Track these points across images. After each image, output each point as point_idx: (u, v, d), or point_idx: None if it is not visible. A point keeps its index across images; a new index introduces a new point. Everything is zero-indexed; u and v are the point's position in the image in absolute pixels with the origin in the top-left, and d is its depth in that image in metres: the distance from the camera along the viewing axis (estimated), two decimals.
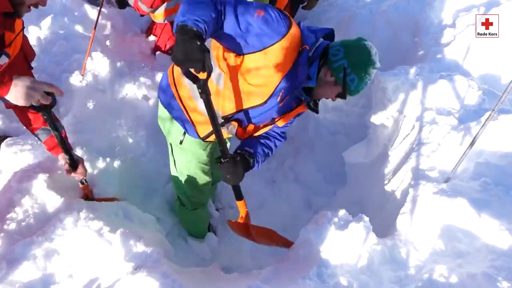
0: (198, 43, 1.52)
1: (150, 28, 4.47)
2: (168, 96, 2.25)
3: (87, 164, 2.55)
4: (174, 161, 2.56)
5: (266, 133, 2.23)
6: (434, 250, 2.07)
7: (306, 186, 3.68)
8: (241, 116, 2.09)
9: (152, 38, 4.37)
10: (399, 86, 3.01)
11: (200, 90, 1.72)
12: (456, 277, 1.91)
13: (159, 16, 4.05)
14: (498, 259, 1.91)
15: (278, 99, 2.00)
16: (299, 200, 3.59)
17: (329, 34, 2.04)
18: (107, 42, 4.11)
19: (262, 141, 2.23)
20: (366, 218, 2.14)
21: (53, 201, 2.38)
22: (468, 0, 3.76)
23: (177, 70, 2.16)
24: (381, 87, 3.10)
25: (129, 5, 4.15)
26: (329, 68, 1.93)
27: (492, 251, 1.96)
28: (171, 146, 2.50)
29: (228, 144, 2.59)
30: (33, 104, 1.74)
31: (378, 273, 2.03)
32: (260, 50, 1.79)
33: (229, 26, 1.74)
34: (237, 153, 2.11)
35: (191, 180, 2.59)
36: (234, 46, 1.82)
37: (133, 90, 3.77)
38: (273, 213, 3.27)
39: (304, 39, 1.89)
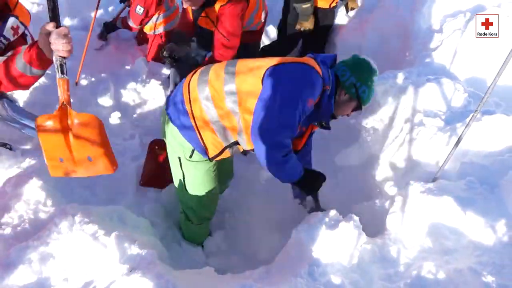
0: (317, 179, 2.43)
1: (139, 37, 4.59)
2: (179, 113, 2.26)
3: None
4: (183, 175, 2.50)
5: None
6: (422, 248, 2.12)
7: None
8: None
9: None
10: (388, 90, 3.08)
11: None
12: (444, 273, 1.96)
13: (147, 28, 4.24)
14: (483, 255, 1.96)
15: (299, 129, 2.25)
16: (291, 202, 3.64)
17: (333, 59, 2.33)
18: (101, 51, 4.17)
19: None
20: (356, 218, 2.19)
21: (47, 206, 2.41)
22: (455, 6, 3.86)
23: (194, 89, 2.22)
24: None
25: (117, 28, 4.35)
26: (342, 88, 2.24)
27: (477, 247, 2.01)
28: (180, 160, 2.43)
29: None
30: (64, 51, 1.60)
31: (368, 271, 2.07)
32: None
33: None
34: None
35: (200, 193, 2.56)
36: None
37: (127, 97, 3.82)
38: (267, 215, 3.30)
39: (325, 80, 2.16)
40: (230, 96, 2.11)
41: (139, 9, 4.05)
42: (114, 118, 3.61)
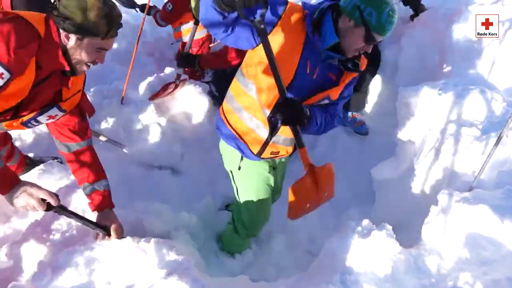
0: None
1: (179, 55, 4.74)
2: (220, 122, 2.41)
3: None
4: (237, 188, 2.57)
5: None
6: (459, 259, 2.06)
7: (336, 203, 3.70)
8: None
9: None
10: (423, 101, 3.05)
11: (258, 31, 1.83)
12: (481, 284, 1.89)
13: (185, 32, 4.35)
14: None
15: (308, 71, 2.02)
16: (329, 217, 3.63)
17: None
18: (145, 70, 4.41)
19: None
20: (389, 227, 2.18)
21: (94, 213, 2.57)
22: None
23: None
24: (405, 102, 3.15)
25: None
26: (345, 15, 1.92)
27: None
28: (232, 173, 2.51)
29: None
30: (28, 209, 1.82)
31: (402, 281, 2.04)
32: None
33: (241, 32, 1.93)
34: None
35: (252, 208, 2.58)
36: (247, 44, 2.00)
37: (168, 113, 4.00)
38: (305, 230, 3.31)
39: (304, 7, 1.98)
40: (239, 75, 2.23)
41: (169, 6, 4.23)
42: (157, 134, 3.80)
